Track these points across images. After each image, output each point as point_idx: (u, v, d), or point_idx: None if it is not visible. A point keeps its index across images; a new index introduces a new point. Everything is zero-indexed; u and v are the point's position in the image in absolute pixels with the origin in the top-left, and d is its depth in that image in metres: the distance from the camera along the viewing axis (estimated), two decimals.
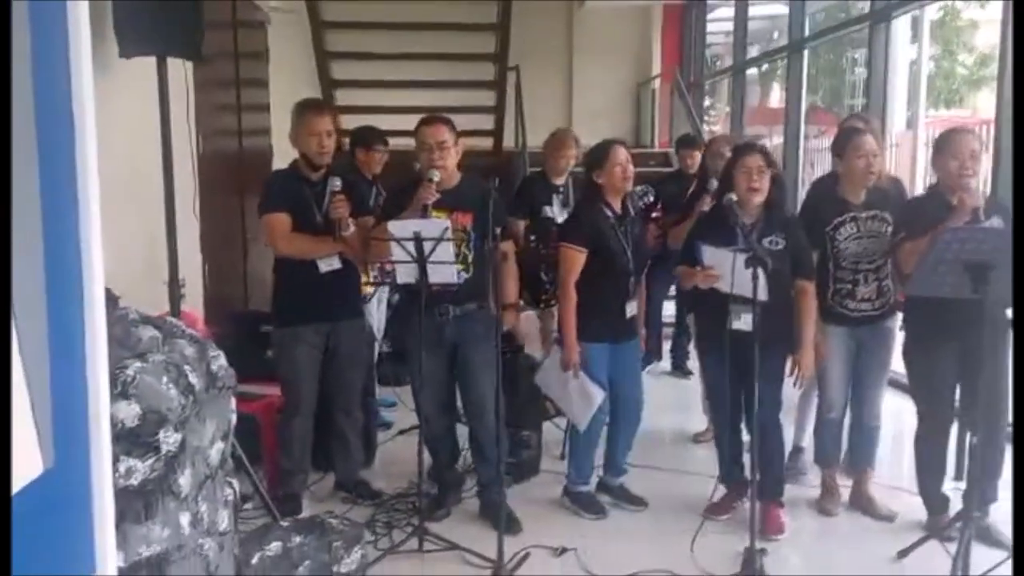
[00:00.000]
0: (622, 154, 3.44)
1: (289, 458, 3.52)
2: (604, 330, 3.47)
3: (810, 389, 3.73)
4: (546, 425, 4.27)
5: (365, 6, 7.36)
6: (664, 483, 3.81)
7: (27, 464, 1.37)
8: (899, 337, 3.43)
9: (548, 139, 5.06)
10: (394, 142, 4.84)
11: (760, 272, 2.88)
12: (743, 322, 3.08)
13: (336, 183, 3.30)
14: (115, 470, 1.85)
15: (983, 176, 4.14)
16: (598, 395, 3.48)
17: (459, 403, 3.60)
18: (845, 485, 3.67)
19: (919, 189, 7.01)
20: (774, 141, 13.16)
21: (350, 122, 7.94)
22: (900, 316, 3.43)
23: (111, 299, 3.02)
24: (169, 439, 2.02)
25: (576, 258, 3.42)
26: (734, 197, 3.10)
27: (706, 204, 3.98)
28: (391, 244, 3.04)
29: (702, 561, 3.07)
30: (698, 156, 5.10)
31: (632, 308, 3.52)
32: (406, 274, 3.10)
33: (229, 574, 2.38)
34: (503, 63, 7.87)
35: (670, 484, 3.82)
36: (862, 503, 3.58)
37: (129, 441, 1.97)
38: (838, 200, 3.42)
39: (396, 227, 3.01)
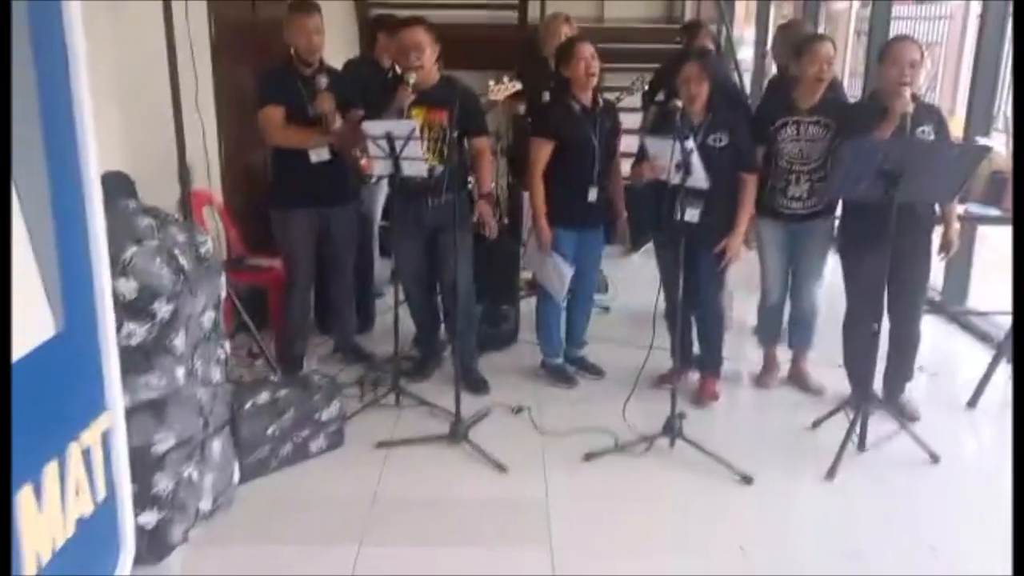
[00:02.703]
0: (587, 50, 3.68)
1: (290, 323, 4.02)
2: (570, 215, 3.81)
3: None
4: (531, 299, 4.72)
5: None
6: (625, 356, 4.24)
7: (40, 327, 1.83)
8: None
9: (542, 24, 5.20)
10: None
11: (700, 165, 3.19)
12: (689, 215, 3.42)
13: (322, 81, 3.63)
14: (118, 332, 2.33)
15: (922, 83, 4.26)
16: (568, 272, 3.88)
17: None
18: (787, 362, 4.08)
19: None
20: (831, 7, 12.81)
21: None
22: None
23: (127, 184, 3.49)
24: (163, 308, 2.51)
25: (542, 148, 3.74)
26: (679, 103, 3.36)
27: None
28: (369, 141, 3.39)
29: (636, 422, 3.54)
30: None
31: (593, 194, 3.82)
32: (382, 167, 3.47)
33: (223, 417, 2.92)
34: None
35: (633, 357, 4.26)
36: (797, 379, 4.00)
37: (129, 310, 2.46)
38: (787, 102, 3.65)
39: (370, 126, 3.36)
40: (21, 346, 1.72)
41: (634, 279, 5.28)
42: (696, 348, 3.96)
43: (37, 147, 1.87)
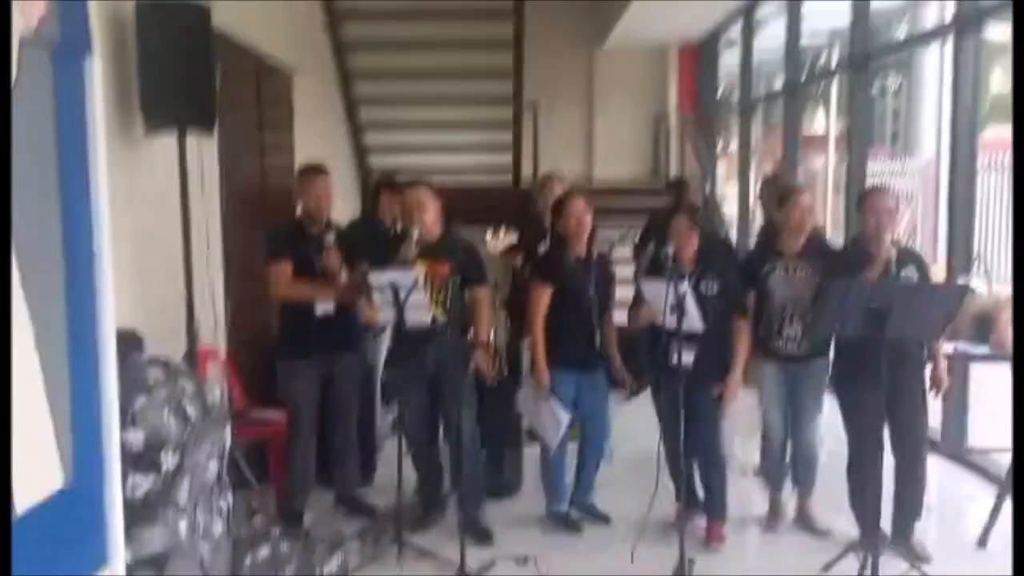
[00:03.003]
0: (579, 205, 3.89)
1: (293, 476, 4.01)
2: (571, 358, 3.90)
3: None
4: (534, 448, 4.71)
5: (391, 56, 7.96)
6: (629, 501, 4.19)
7: (48, 479, 1.87)
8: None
9: (534, 183, 5.49)
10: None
11: (694, 307, 3.31)
12: (684, 358, 3.50)
13: (329, 238, 3.83)
14: (124, 485, 2.36)
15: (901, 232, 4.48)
16: (564, 418, 3.91)
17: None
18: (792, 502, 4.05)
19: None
20: (808, 166, 13.47)
21: (379, 163, 8.59)
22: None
23: (135, 341, 3.59)
24: (168, 459, 2.54)
25: (540, 294, 3.88)
26: (670, 251, 3.52)
27: None
28: (375, 291, 3.53)
29: (644, 568, 3.47)
30: None
31: (598, 338, 3.92)
32: (386, 315, 3.59)
33: (223, 572, 2.87)
34: (519, 104, 8.37)
35: (638, 502, 4.20)
36: (803, 520, 3.95)
37: (136, 461, 2.48)
38: (774, 247, 3.83)
39: (375, 277, 3.52)
40: (28, 497, 1.76)
41: (634, 424, 5.28)
42: (700, 492, 3.93)
43: (59, 305, 1.98)
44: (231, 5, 4.32)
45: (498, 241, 5.51)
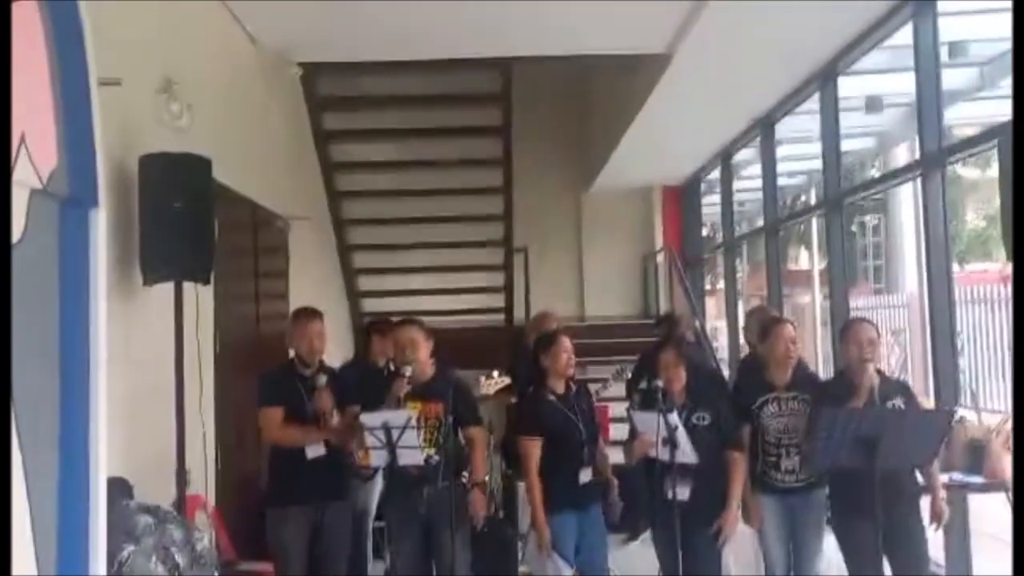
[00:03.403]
0: (567, 344, 3.96)
1: None
2: (567, 501, 3.85)
3: None
4: None
5: (384, 203, 8.25)
6: None
7: None
8: None
9: (530, 321, 5.58)
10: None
11: (686, 439, 3.32)
12: (679, 492, 3.47)
13: (321, 379, 3.86)
14: None
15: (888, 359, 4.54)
16: (568, 572, 3.82)
17: None
18: None
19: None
20: (795, 301, 13.71)
21: (372, 306, 8.73)
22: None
23: (125, 488, 3.55)
24: None
25: (532, 446, 3.87)
26: (660, 383, 3.56)
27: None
28: (367, 432, 3.53)
29: None
30: None
31: (587, 474, 3.90)
32: (379, 458, 3.57)
33: None
34: (509, 247, 8.61)
35: None
36: None
37: None
38: (763, 381, 3.86)
39: (367, 418, 3.53)
40: None
41: (635, 569, 5.14)
42: None
43: (53, 453, 2.00)
44: (231, 161, 4.52)
45: (492, 382, 5.54)
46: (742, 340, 4.99)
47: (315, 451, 3.86)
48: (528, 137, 8.40)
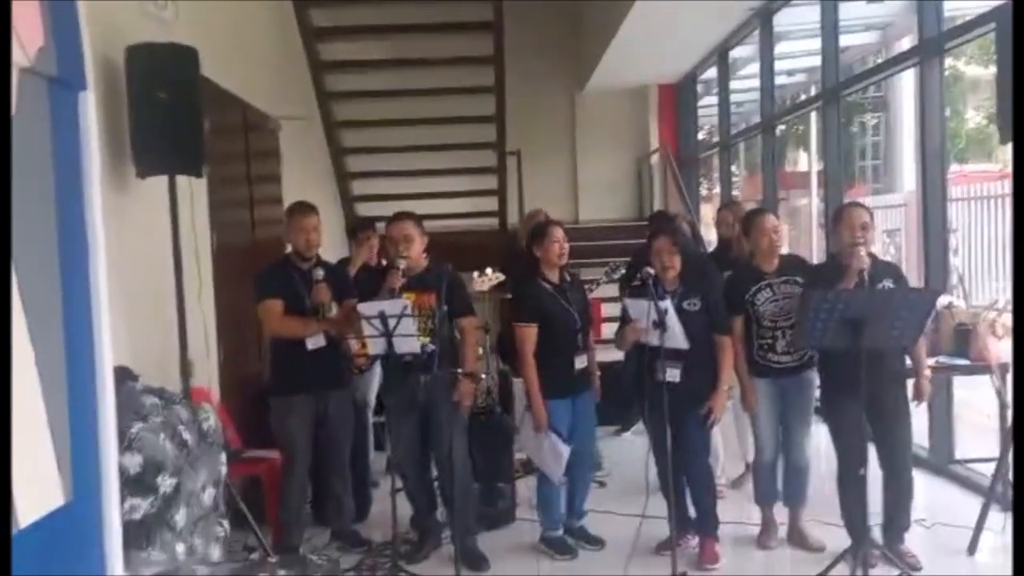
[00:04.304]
0: (558, 233, 4.00)
1: (288, 511, 4.03)
2: (561, 385, 3.96)
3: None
4: (526, 479, 4.76)
5: (375, 104, 8.15)
6: (623, 526, 4.21)
7: (51, 496, 1.92)
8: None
9: (523, 219, 5.60)
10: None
11: (677, 323, 3.40)
12: (669, 375, 3.58)
13: (319, 273, 3.92)
14: (122, 507, 2.39)
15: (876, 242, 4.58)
16: (565, 451, 3.96)
17: None
18: (784, 523, 4.07)
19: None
20: (792, 204, 13.69)
21: (366, 210, 8.71)
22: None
23: (129, 375, 3.65)
24: (165, 483, 2.58)
25: (528, 332, 3.96)
26: (651, 271, 3.62)
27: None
28: (364, 321, 3.60)
29: None
30: None
31: (582, 361, 4.01)
32: (377, 346, 3.65)
33: None
34: (502, 150, 8.55)
35: (630, 526, 4.22)
36: (796, 537, 3.98)
37: (133, 484, 2.52)
38: (754, 270, 3.92)
39: (365, 307, 3.59)
40: (30, 512, 1.81)
41: (628, 457, 5.33)
42: (692, 511, 3.96)
43: (57, 333, 2.05)
44: (218, 57, 4.45)
45: (486, 279, 5.60)
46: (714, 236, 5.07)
47: (315, 342, 3.94)
48: (521, 35, 8.24)
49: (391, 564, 3.72)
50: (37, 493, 1.84)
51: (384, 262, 4.98)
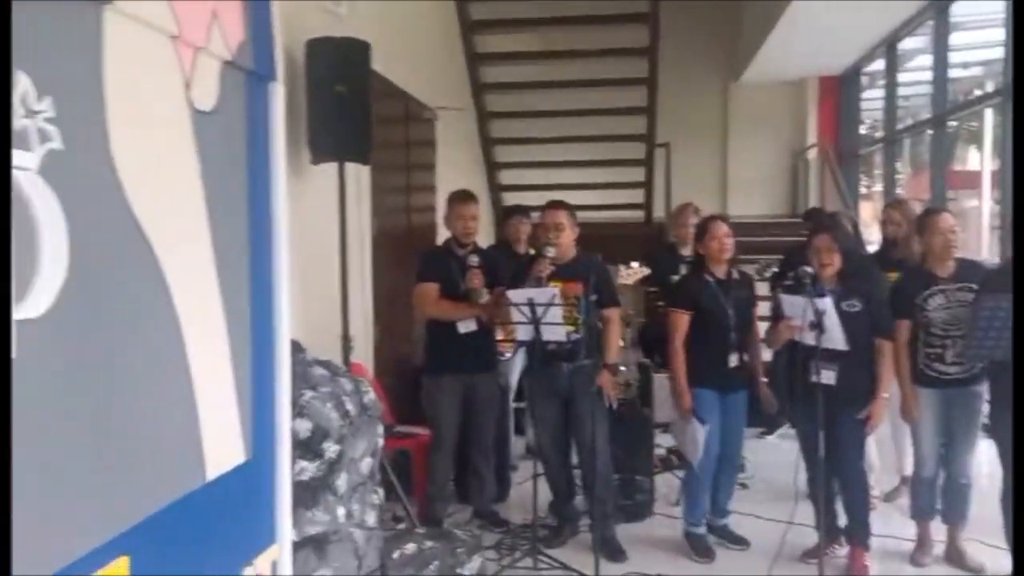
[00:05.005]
0: (721, 229, 3.95)
1: (433, 486, 4.20)
2: (710, 377, 3.92)
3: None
4: (665, 475, 4.74)
5: (527, 96, 8.27)
6: (767, 529, 4.12)
7: (235, 453, 2.10)
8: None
9: (671, 212, 5.55)
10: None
11: (836, 324, 3.29)
12: (825, 376, 3.47)
13: (474, 259, 4.06)
14: (292, 468, 2.58)
15: None
16: (703, 433, 3.89)
17: None
18: (942, 540, 3.87)
19: None
20: (961, 204, 12.84)
21: (512, 199, 8.86)
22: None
23: (298, 348, 3.90)
24: (330, 449, 2.75)
25: (679, 319, 3.93)
26: (809, 270, 3.51)
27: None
28: (512, 308, 3.70)
29: None
30: None
31: (735, 359, 3.95)
32: (524, 333, 3.74)
33: (373, 562, 3.06)
34: (651, 142, 8.48)
35: (775, 530, 4.12)
36: (953, 556, 3.77)
37: (302, 447, 2.71)
38: (925, 274, 3.72)
39: (514, 295, 3.68)
40: (219, 466, 1.99)
41: (772, 460, 5.21)
42: (842, 520, 3.83)
43: (245, 307, 2.24)
44: (385, 49, 4.67)
45: (631, 272, 5.59)
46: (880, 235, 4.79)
47: (466, 326, 4.08)
48: (675, 25, 8.13)
49: (530, 546, 3.81)
50: (223, 450, 2.02)
51: (531, 251, 5.08)
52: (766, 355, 4.21)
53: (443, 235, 5.69)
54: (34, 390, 1.22)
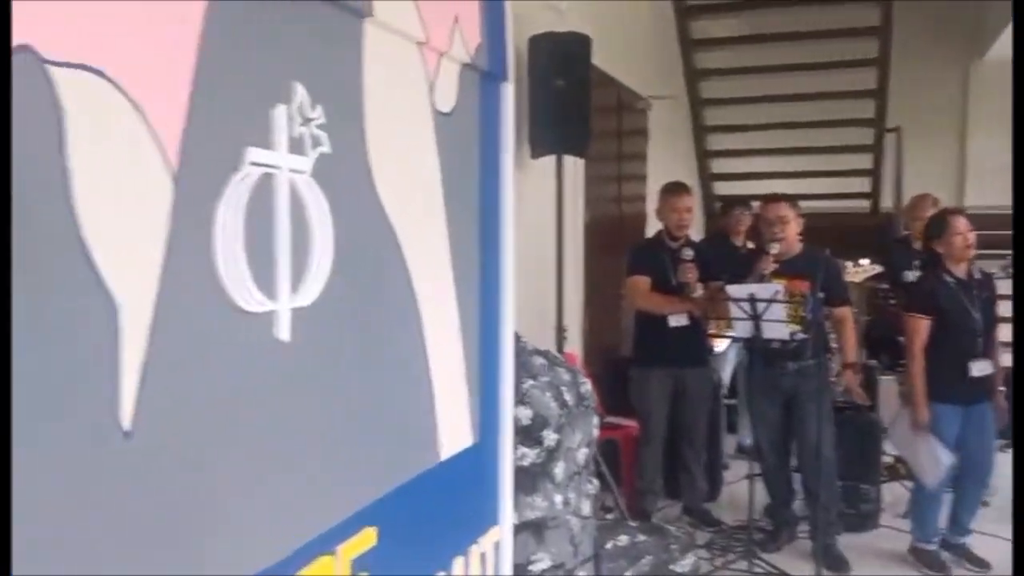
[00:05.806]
0: (961, 224, 3.62)
1: (642, 479, 4.19)
2: (953, 391, 3.63)
3: None
4: (892, 484, 4.43)
5: (742, 82, 7.99)
6: (1009, 552, 3.76)
7: (464, 437, 2.21)
8: None
9: (907, 204, 5.17)
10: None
11: None
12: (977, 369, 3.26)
13: (688, 253, 3.99)
14: (514, 453, 2.67)
15: None
16: (946, 458, 3.62)
17: None
18: None
19: None
20: None
21: (724, 189, 8.61)
22: None
23: (517, 338, 4.02)
24: (550, 437, 2.82)
25: (919, 325, 3.66)
26: None
27: None
28: (731, 304, 3.60)
29: None
30: None
31: (980, 368, 3.63)
32: (743, 330, 3.63)
33: (588, 551, 3.10)
34: (881, 127, 7.92)
35: None
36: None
37: (523, 434, 2.80)
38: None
39: (734, 289, 3.58)
40: (452, 448, 2.10)
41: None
42: None
43: (475, 300, 2.34)
44: (600, 40, 4.67)
45: (860, 270, 5.25)
46: None
47: (677, 320, 4.03)
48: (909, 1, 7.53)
49: (745, 549, 3.71)
50: (455, 433, 2.13)
51: (750, 245, 4.92)
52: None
53: (653, 225, 5.69)
54: (305, 370, 1.35)
